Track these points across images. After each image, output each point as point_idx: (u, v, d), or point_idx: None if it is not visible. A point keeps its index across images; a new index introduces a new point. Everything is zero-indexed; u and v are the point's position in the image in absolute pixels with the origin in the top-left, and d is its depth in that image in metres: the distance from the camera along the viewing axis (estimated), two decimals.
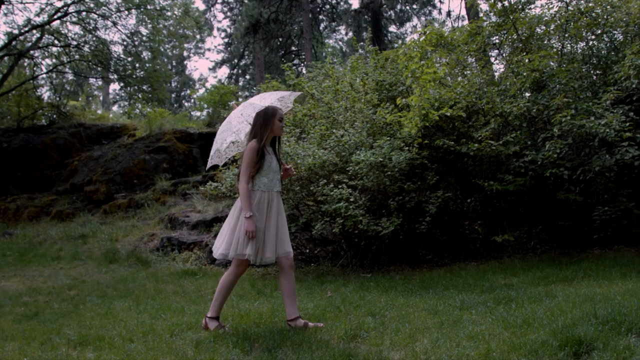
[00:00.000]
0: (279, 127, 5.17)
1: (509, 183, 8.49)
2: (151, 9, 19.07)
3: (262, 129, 5.05)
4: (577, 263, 7.96)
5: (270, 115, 5.08)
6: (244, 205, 4.95)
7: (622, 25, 9.80)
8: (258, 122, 5.08)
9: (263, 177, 5.05)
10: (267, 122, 5.06)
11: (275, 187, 5.16)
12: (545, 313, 4.96)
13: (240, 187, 5.00)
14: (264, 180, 5.05)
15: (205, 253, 10.01)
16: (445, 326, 4.95)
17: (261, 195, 5.04)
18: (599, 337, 3.98)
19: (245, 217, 4.90)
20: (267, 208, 5.06)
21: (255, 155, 4.96)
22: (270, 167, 5.09)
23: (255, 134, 5.06)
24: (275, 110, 5.13)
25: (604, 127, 7.76)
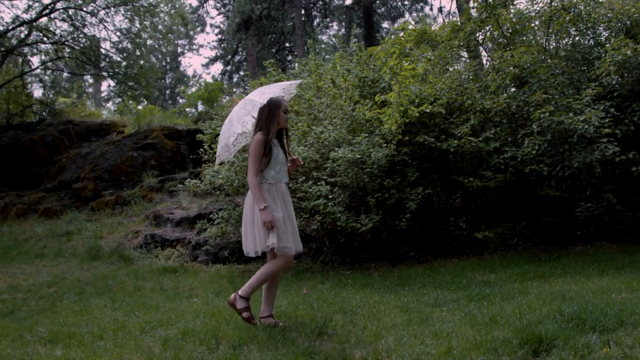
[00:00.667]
0: (284, 118, 5.12)
1: (489, 180, 8.48)
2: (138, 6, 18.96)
3: (268, 121, 4.99)
4: (557, 260, 7.95)
5: (274, 107, 5.02)
6: (256, 197, 4.89)
7: (604, 21, 9.78)
8: (263, 114, 5.02)
9: (270, 169, 5.00)
10: (272, 114, 5.00)
11: (283, 179, 5.12)
12: (514, 310, 4.95)
13: (250, 180, 4.94)
14: (272, 172, 5.01)
15: (188, 250, 10.00)
16: (413, 324, 4.94)
17: (269, 188, 4.99)
18: (560, 335, 3.97)
19: (260, 209, 4.84)
20: (281, 199, 5.03)
21: (262, 148, 4.91)
22: (277, 159, 5.04)
23: (261, 126, 5.00)
24: (279, 102, 5.09)
25: (583, 123, 7.75)
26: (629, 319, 4.28)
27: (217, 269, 9.17)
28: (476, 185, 8.44)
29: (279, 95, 5.26)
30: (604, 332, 4.07)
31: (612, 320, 4.23)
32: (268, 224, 4.83)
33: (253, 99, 5.34)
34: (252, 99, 5.35)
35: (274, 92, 5.33)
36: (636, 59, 8.57)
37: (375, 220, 8.01)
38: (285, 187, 5.17)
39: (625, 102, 9.10)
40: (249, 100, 5.39)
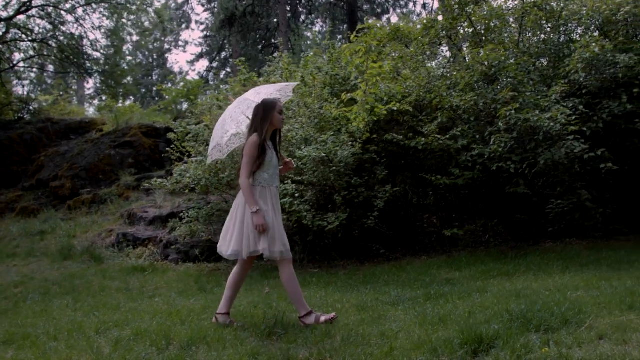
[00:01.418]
0: (279, 119, 5.04)
1: (458, 177, 8.47)
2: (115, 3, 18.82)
3: (262, 122, 4.90)
4: (523, 257, 7.97)
5: (269, 108, 4.94)
6: (248, 200, 4.79)
7: (576, 18, 9.80)
8: (258, 115, 4.92)
9: (264, 172, 4.91)
10: (267, 115, 4.91)
11: (275, 182, 5.02)
12: (465, 310, 4.96)
13: (242, 182, 4.84)
14: (265, 175, 4.92)
15: (160, 249, 9.97)
16: (365, 323, 4.93)
17: (262, 191, 4.91)
18: (502, 335, 3.96)
19: (253, 212, 4.75)
20: (271, 203, 4.94)
21: (256, 150, 4.82)
22: (271, 163, 4.95)
23: (256, 128, 4.91)
24: (274, 102, 4.99)
25: (549, 120, 7.76)
26: (575, 318, 4.28)
27: (187, 267, 9.14)
28: (444, 183, 8.43)
29: (275, 97, 5.15)
30: (548, 332, 4.07)
31: (557, 320, 4.24)
32: (260, 228, 4.76)
33: (248, 98, 5.22)
34: (247, 98, 5.22)
35: (270, 92, 5.21)
36: (604, 56, 8.59)
37: (342, 219, 7.99)
38: (276, 191, 5.08)
39: (595, 99, 9.13)
40: (244, 100, 5.27)
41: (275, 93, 5.22)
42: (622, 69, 8.70)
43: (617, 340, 3.79)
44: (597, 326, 4.11)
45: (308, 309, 5.06)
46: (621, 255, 7.63)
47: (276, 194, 5.06)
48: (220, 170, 8.61)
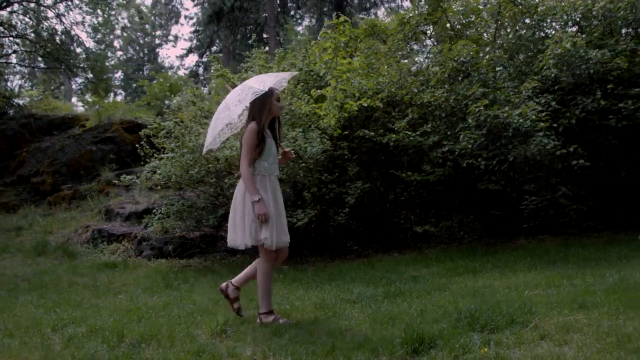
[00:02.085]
0: (277, 107, 4.98)
1: (429, 174, 8.46)
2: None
3: (260, 110, 4.83)
4: (493, 254, 7.96)
5: (267, 95, 4.85)
6: (249, 189, 4.72)
7: (551, 13, 9.78)
8: (256, 104, 4.84)
9: (264, 161, 4.83)
10: (265, 103, 4.84)
11: (275, 171, 4.95)
12: (419, 308, 4.95)
13: (243, 171, 4.78)
14: (265, 164, 4.85)
15: (134, 245, 9.94)
16: (318, 321, 4.92)
17: (262, 180, 4.83)
18: (445, 334, 3.96)
19: (254, 200, 4.69)
20: (271, 192, 4.87)
21: (256, 138, 4.75)
22: (271, 151, 4.88)
23: (254, 116, 4.84)
24: (271, 90, 4.92)
25: (518, 117, 7.74)
26: (522, 317, 4.27)
27: (159, 264, 9.12)
28: (415, 180, 8.42)
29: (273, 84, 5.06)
30: (493, 331, 4.07)
31: (504, 319, 4.23)
32: (262, 217, 4.69)
33: (252, 85, 5.07)
34: (250, 85, 5.08)
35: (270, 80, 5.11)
36: (576, 52, 8.56)
37: (311, 215, 7.97)
38: (276, 180, 5.02)
39: (569, 95, 9.11)
40: (247, 87, 5.11)
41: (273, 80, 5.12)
42: (595, 65, 8.68)
43: (558, 341, 3.78)
44: (543, 326, 4.10)
45: (270, 308, 5.04)
46: (591, 252, 7.62)
47: (276, 182, 5.00)
48: (191, 167, 8.57)
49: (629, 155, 9.38)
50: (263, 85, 4.90)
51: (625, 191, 9.59)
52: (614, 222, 9.38)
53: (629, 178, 9.50)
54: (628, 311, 4.32)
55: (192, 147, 8.49)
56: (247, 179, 4.77)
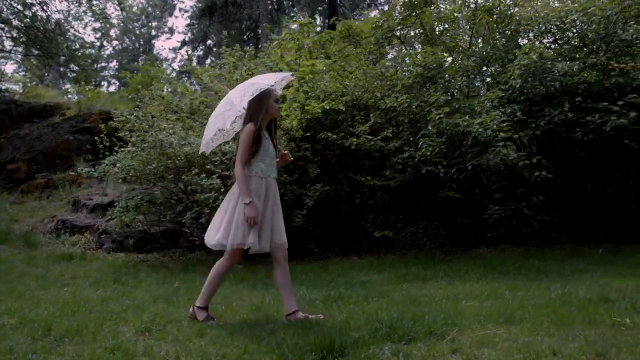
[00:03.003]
0: (275, 108, 4.90)
1: (389, 179, 8.43)
2: None
3: (257, 111, 4.76)
4: (448, 262, 7.95)
5: (265, 96, 4.79)
6: (242, 191, 4.65)
7: (524, 24, 9.76)
8: (253, 105, 4.78)
9: (260, 162, 4.76)
10: (262, 103, 4.78)
11: (272, 173, 4.88)
12: (346, 315, 4.91)
13: (237, 172, 4.70)
14: (261, 165, 4.77)
15: (95, 237, 9.89)
16: (246, 324, 4.88)
17: (258, 182, 4.75)
18: (357, 343, 3.92)
19: (245, 203, 4.60)
20: (264, 195, 4.79)
21: (252, 138, 4.68)
22: (267, 152, 4.81)
23: (251, 117, 4.76)
24: (269, 91, 4.84)
25: (478, 126, 7.71)
26: (441, 329, 4.23)
27: (116, 257, 9.08)
28: (375, 184, 8.39)
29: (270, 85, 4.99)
30: (409, 342, 4.02)
31: (423, 330, 4.19)
32: (251, 220, 4.61)
33: (256, 81, 5.04)
34: (254, 82, 5.05)
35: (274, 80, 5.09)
36: (543, 63, 8.54)
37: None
38: (274, 182, 4.94)
39: (537, 105, 9.10)
40: (250, 84, 5.05)
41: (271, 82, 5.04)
42: (563, 77, 8.66)
43: (468, 355, 3.74)
44: (460, 339, 4.06)
45: (206, 304, 5.01)
46: (547, 264, 7.64)
47: (274, 185, 4.92)
48: (149, 162, 8.53)
49: (595, 168, 9.39)
50: (268, 81, 4.91)
51: (590, 204, 9.59)
52: (578, 235, 9.39)
53: (594, 191, 9.50)
54: (551, 327, 4.29)
55: (153, 142, 8.43)
56: (240, 180, 4.70)
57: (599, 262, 7.69)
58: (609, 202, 9.46)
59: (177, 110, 9.51)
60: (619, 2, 9.58)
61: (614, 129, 8.36)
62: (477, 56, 9.72)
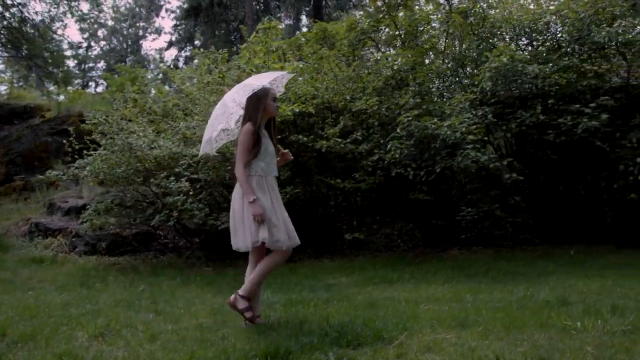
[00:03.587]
0: (273, 107, 4.86)
1: (360, 182, 8.43)
2: None
3: (255, 111, 4.74)
4: (418, 264, 7.96)
5: (262, 95, 4.78)
6: (245, 190, 4.62)
7: (497, 26, 9.78)
8: (250, 104, 4.76)
9: (260, 161, 4.71)
10: (260, 103, 4.76)
11: (273, 171, 4.83)
12: (301, 320, 4.91)
13: (238, 172, 4.66)
14: (261, 164, 4.73)
15: (68, 240, 9.85)
16: (202, 328, 4.87)
17: (259, 180, 4.71)
18: (303, 348, 3.92)
19: (249, 201, 4.58)
20: (269, 193, 4.74)
21: (251, 138, 4.64)
22: (267, 151, 4.77)
23: (250, 117, 4.73)
24: (266, 90, 4.83)
25: (447, 129, 7.72)
26: (390, 334, 4.24)
27: (87, 261, 9.06)
28: (345, 187, 8.39)
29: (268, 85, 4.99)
30: (356, 347, 4.03)
31: (371, 335, 4.19)
32: (258, 217, 4.57)
33: (250, 82, 5.04)
34: (248, 83, 5.04)
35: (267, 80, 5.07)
36: (514, 66, 8.56)
37: None
38: (274, 181, 4.89)
39: (510, 108, 9.12)
40: (244, 85, 5.07)
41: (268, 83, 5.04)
42: (534, 80, 8.69)
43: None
44: (408, 344, 4.07)
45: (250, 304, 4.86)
46: (516, 266, 7.66)
47: (274, 183, 4.88)
48: (117, 165, 8.51)
49: (567, 170, 9.42)
50: (261, 82, 4.89)
51: (563, 205, 9.62)
52: (552, 236, 9.41)
53: (567, 192, 9.53)
54: (502, 331, 4.30)
55: (122, 145, 8.40)
56: (242, 181, 4.67)
57: (568, 264, 7.72)
58: (582, 204, 9.49)
59: (151, 113, 9.49)
60: (592, 4, 9.59)
61: (586, 131, 8.37)
62: (452, 58, 9.72)
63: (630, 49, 9.52)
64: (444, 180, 9.69)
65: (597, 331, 4.18)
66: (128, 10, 44.34)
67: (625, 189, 8.61)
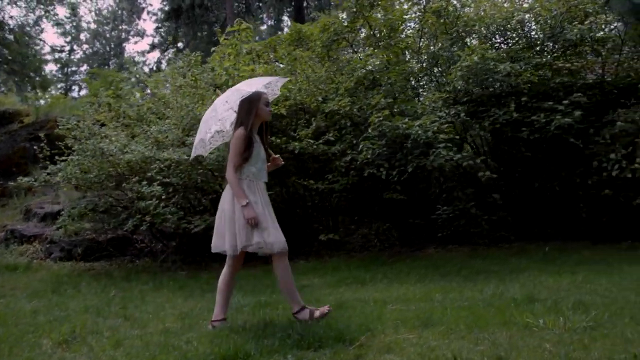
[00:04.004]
0: (266, 112, 4.85)
1: (333, 182, 8.44)
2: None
3: (248, 115, 4.72)
4: (392, 264, 7.97)
5: (254, 100, 4.77)
6: (237, 194, 4.60)
7: (470, 24, 9.81)
8: (243, 108, 4.75)
9: (251, 166, 4.71)
10: (252, 107, 4.74)
11: (263, 177, 4.82)
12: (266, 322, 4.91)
13: (229, 176, 4.66)
14: (252, 169, 4.72)
15: (44, 246, 9.79)
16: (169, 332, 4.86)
17: (250, 184, 4.69)
18: (262, 351, 3.93)
19: (242, 205, 4.56)
20: (259, 196, 4.72)
21: (243, 143, 4.63)
22: (259, 156, 4.76)
23: (242, 121, 4.73)
24: (259, 94, 4.82)
25: (419, 128, 7.74)
26: (352, 335, 4.24)
27: (62, 267, 9.01)
28: (318, 188, 8.40)
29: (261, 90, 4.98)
30: (317, 349, 4.03)
31: (333, 336, 4.19)
32: (252, 221, 4.55)
33: (240, 87, 5.03)
34: (238, 88, 5.03)
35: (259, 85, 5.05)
36: (486, 64, 8.59)
37: (209, 221, 7.89)
38: (264, 186, 4.87)
39: (483, 106, 9.15)
40: (235, 90, 5.06)
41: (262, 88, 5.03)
42: (507, 78, 8.72)
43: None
44: (369, 345, 4.07)
45: (301, 304, 4.88)
46: (490, 264, 7.68)
47: (264, 189, 4.85)
48: (89, 170, 8.47)
49: (542, 167, 9.46)
50: (251, 88, 4.87)
51: (539, 202, 9.66)
52: (528, 233, 9.44)
53: (542, 189, 9.57)
54: (464, 330, 4.31)
55: (93, 151, 8.37)
56: (233, 184, 4.65)
57: (542, 261, 7.74)
58: (557, 200, 9.53)
59: (125, 117, 9.46)
60: (564, 2, 9.65)
61: (559, 128, 8.41)
62: (426, 58, 9.75)
63: (603, 45, 9.59)
64: (421, 179, 9.70)
65: (558, 328, 4.19)
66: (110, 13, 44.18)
67: (599, 184, 8.65)
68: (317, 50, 9.79)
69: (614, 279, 6.20)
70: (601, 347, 3.73)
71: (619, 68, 9.73)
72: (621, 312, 4.64)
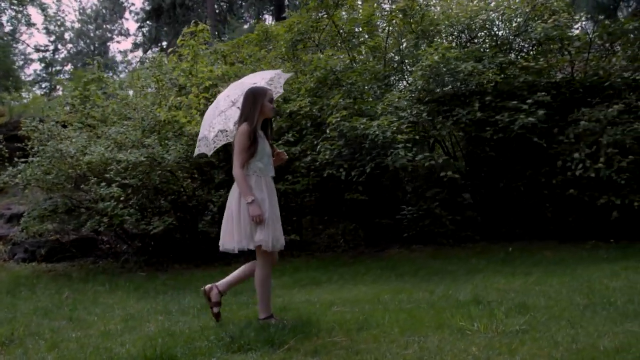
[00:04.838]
0: (269, 108, 4.78)
1: (294, 183, 8.44)
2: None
3: (252, 110, 4.66)
4: (351, 265, 7.98)
5: (259, 96, 4.71)
6: (243, 191, 4.56)
7: (435, 23, 9.82)
8: (247, 104, 4.69)
9: (258, 161, 4.66)
10: (257, 103, 4.69)
11: (270, 172, 4.78)
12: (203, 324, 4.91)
13: (236, 173, 4.61)
14: (259, 164, 4.67)
15: (8, 247, 9.76)
16: (109, 334, 4.85)
17: (257, 181, 4.65)
18: (186, 354, 3.94)
19: (248, 202, 4.52)
20: (267, 193, 4.69)
21: (248, 138, 4.58)
22: (264, 151, 4.72)
23: (246, 117, 4.67)
24: (264, 90, 4.77)
25: (377, 128, 7.74)
26: (283, 338, 4.23)
27: (24, 268, 8.98)
28: (280, 189, 8.38)
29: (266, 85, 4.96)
30: (246, 352, 4.03)
31: (263, 340, 4.18)
32: (257, 218, 4.52)
33: (242, 81, 5.03)
34: (241, 81, 5.05)
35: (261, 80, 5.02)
36: (446, 64, 8.59)
37: (169, 222, 7.89)
38: (272, 181, 4.83)
39: (446, 106, 9.15)
40: (239, 83, 5.07)
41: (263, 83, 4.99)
42: (469, 77, 8.72)
43: None
44: (297, 348, 4.06)
45: (270, 312, 4.85)
46: (449, 264, 7.70)
47: (271, 183, 4.82)
48: (49, 172, 8.45)
49: (507, 166, 9.47)
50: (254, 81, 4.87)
51: (505, 202, 9.68)
52: (496, 233, 9.45)
53: (508, 189, 9.59)
54: (397, 334, 4.30)
55: (51, 152, 8.34)
56: (240, 181, 4.61)
57: (501, 261, 7.77)
58: (523, 200, 9.55)
59: (88, 118, 9.43)
60: (529, 1, 9.68)
61: (523, 127, 8.41)
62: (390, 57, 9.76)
63: (571, 44, 9.61)
64: (388, 179, 9.71)
65: (491, 332, 4.19)
66: (94, 12, 43.97)
67: (564, 184, 8.66)
68: (281, 50, 9.77)
69: (565, 279, 6.22)
70: (527, 351, 3.73)
71: (587, 66, 9.73)
72: (561, 314, 4.65)
